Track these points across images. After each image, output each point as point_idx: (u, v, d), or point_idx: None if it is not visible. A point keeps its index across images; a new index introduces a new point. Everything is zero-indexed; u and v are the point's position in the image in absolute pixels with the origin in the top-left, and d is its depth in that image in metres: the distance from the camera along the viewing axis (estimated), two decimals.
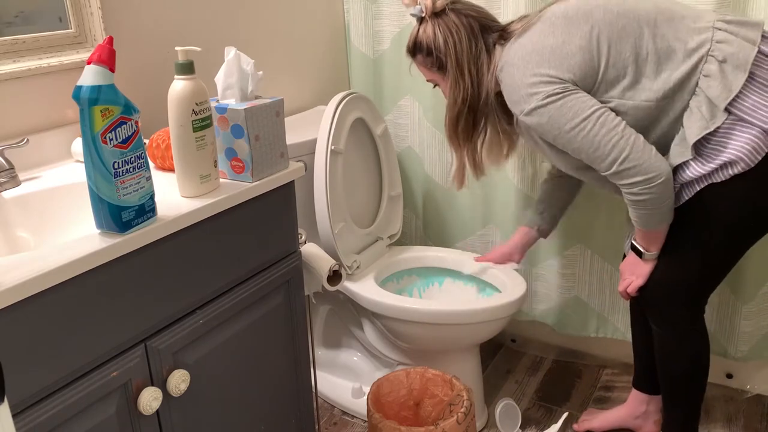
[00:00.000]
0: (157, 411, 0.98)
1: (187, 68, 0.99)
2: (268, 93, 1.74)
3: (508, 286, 1.66)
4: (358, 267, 1.73)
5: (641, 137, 1.24)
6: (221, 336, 1.09)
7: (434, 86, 1.49)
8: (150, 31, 1.43)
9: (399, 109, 2.05)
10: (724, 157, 1.23)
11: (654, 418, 1.65)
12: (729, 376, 1.88)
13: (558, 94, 1.24)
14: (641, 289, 1.42)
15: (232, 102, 1.09)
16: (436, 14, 1.37)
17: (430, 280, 1.87)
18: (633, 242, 1.39)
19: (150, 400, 0.94)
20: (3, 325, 0.76)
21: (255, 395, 1.19)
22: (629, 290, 1.43)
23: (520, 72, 1.28)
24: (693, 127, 1.24)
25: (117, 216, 0.87)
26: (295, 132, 1.69)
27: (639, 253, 1.39)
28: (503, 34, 1.38)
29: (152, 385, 0.96)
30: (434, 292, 1.87)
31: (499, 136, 1.49)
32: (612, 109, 1.26)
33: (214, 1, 1.58)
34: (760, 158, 1.21)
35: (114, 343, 0.90)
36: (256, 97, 1.13)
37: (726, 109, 1.21)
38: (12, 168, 1.07)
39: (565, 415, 1.67)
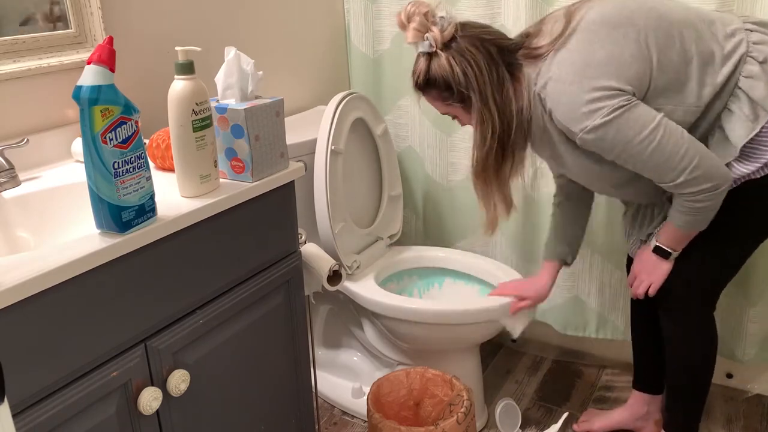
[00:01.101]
0: (157, 411, 0.98)
1: (187, 68, 0.99)
2: (268, 93, 1.74)
3: None
4: (358, 267, 1.73)
5: (703, 145, 1.21)
6: (221, 336, 1.09)
7: (453, 118, 1.36)
8: (150, 31, 1.43)
9: (399, 109, 2.05)
10: (763, 156, 1.21)
11: (655, 419, 1.65)
12: (729, 376, 1.88)
13: (623, 106, 1.17)
14: (659, 289, 1.39)
15: (232, 102, 1.09)
16: (447, 44, 1.24)
17: (430, 280, 1.87)
18: (658, 244, 1.35)
19: (150, 400, 0.94)
20: (3, 325, 0.76)
21: (255, 395, 1.19)
22: (650, 292, 1.39)
23: (575, 87, 1.18)
24: (737, 129, 1.21)
25: (117, 216, 0.87)
26: (295, 132, 1.69)
27: (665, 254, 1.34)
28: (528, 51, 1.26)
29: (152, 385, 0.96)
30: (434, 293, 1.87)
31: (524, 158, 1.36)
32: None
33: (214, 1, 1.58)
34: None
35: (114, 343, 0.90)
36: (256, 97, 1.13)
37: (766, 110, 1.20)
38: (12, 168, 1.07)
39: (565, 415, 1.67)
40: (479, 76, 1.24)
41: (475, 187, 1.37)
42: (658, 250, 1.35)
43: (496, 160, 1.30)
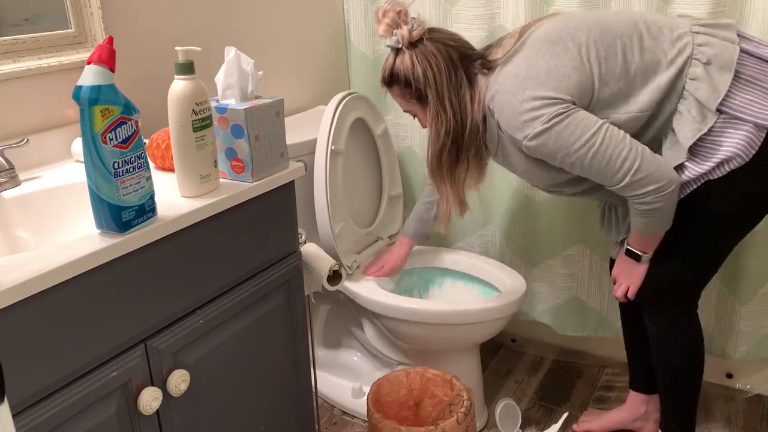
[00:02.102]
0: (157, 411, 0.98)
1: (187, 68, 0.99)
2: (268, 93, 1.74)
3: (508, 286, 1.66)
4: (358, 267, 1.73)
5: (647, 148, 1.25)
6: (221, 336, 1.09)
7: (414, 117, 1.45)
8: (150, 31, 1.43)
9: (399, 109, 2.04)
10: (720, 155, 1.24)
11: (654, 418, 1.65)
12: (729, 376, 1.88)
13: (562, 114, 1.23)
14: (638, 290, 1.42)
15: (232, 102, 1.09)
16: (413, 44, 1.33)
17: (430, 280, 1.87)
18: (628, 247, 1.39)
19: (150, 400, 0.94)
20: (3, 325, 0.76)
21: (255, 395, 1.19)
22: (629, 295, 1.42)
23: (517, 98, 1.25)
24: (685, 131, 1.25)
25: (117, 216, 0.87)
26: (295, 132, 1.69)
27: (636, 257, 1.38)
28: (484, 62, 1.34)
29: (152, 385, 0.96)
30: (434, 292, 1.87)
31: (481, 167, 1.47)
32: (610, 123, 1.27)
33: (214, 1, 1.58)
34: (754, 152, 1.23)
35: (114, 343, 0.90)
36: (256, 97, 1.13)
37: (717, 110, 1.23)
38: (12, 168, 1.07)
39: (565, 415, 1.67)
40: (437, 76, 1.32)
41: (432, 182, 1.45)
42: (629, 253, 1.39)
43: (450, 159, 1.38)
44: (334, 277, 1.34)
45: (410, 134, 2.05)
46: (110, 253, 0.86)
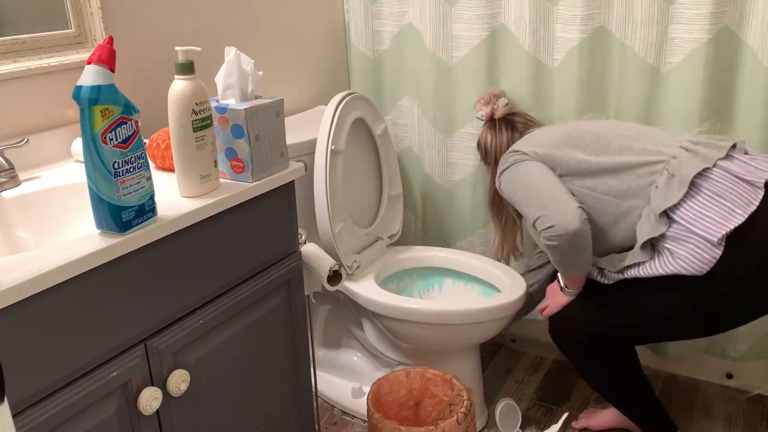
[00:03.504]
0: (157, 411, 0.98)
1: (187, 68, 0.99)
2: (268, 93, 1.74)
3: (508, 286, 1.66)
4: (358, 267, 1.73)
5: (573, 198, 1.36)
6: (221, 336, 1.09)
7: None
8: (150, 31, 1.43)
9: (399, 109, 2.05)
10: (673, 265, 1.29)
11: None
12: (729, 376, 1.88)
13: (520, 161, 1.47)
14: (553, 316, 1.52)
15: (232, 102, 1.09)
16: (493, 121, 1.67)
17: (430, 280, 1.87)
18: (558, 276, 1.49)
19: (150, 400, 0.94)
20: (3, 325, 0.76)
21: (255, 395, 1.19)
22: (543, 315, 1.54)
23: (505, 154, 1.53)
24: (643, 231, 1.34)
25: (117, 216, 0.87)
26: (295, 132, 1.69)
27: (561, 287, 1.49)
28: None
29: (152, 385, 0.96)
30: (434, 293, 1.87)
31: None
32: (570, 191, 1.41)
33: (214, 1, 1.58)
34: (708, 267, 1.25)
35: (114, 343, 0.90)
36: (256, 97, 1.13)
37: (666, 217, 1.30)
38: (12, 168, 1.07)
39: (566, 415, 1.67)
40: (497, 150, 1.65)
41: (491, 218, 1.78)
42: (557, 278, 1.50)
43: (500, 213, 1.72)
44: (334, 277, 1.34)
45: (410, 134, 2.05)
46: (110, 253, 0.86)
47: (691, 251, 1.27)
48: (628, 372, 1.52)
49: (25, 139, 1.15)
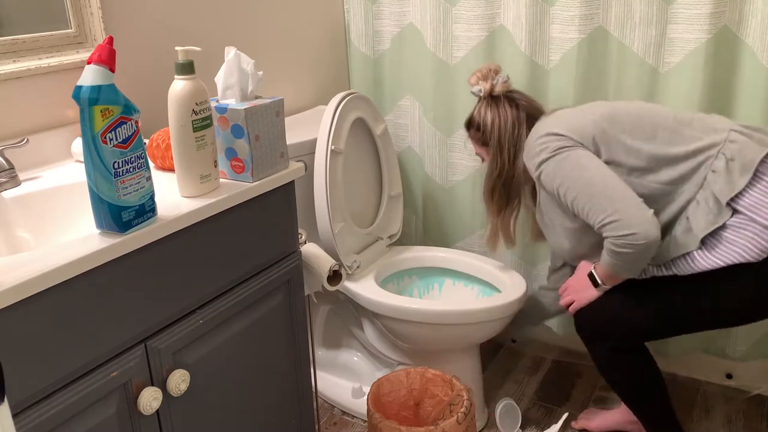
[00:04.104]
0: (157, 411, 0.98)
1: (187, 68, 0.99)
2: (268, 93, 1.74)
3: (508, 286, 1.66)
4: (358, 267, 1.73)
5: (639, 198, 1.29)
6: (221, 336, 1.09)
7: (482, 161, 1.60)
8: (150, 31, 1.43)
9: (399, 109, 2.05)
10: (728, 252, 1.25)
11: None
12: (729, 376, 1.88)
13: (566, 147, 1.35)
14: (582, 309, 1.47)
15: (232, 102, 1.09)
16: (492, 98, 1.53)
17: (430, 280, 1.87)
18: (593, 271, 1.42)
19: (150, 400, 0.94)
20: (3, 325, 0.76)
21: (255, 395, 1.19)
22: (570, 310, 1.48)
23: (534, 135, 1.41)
24: (700, 220, 1.28)
25: (117, 216, 0.87)
26: (295, 132, 1.69)
27: (595, 282, 1.43)
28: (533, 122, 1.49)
29: (152, 385, 0.96)
30: (434, 293, 1.87)
31: (530, 216, 1.61)
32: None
33: (214, 1, 1.58)
34: (765, 255, 1.24)
35: (114, 343, 0.90)
36: (256, 97, 1.13)
37: (729, 206, 1.25)
38: (12, 168, 1.07)
39: (566, 415, 1.67)
40: (502, 128, 1.51)
41: (486, 211, 1.63)
42: (591, 277, 1.43)
43: (500, 200, 1.57)
44: (334, 277, 1.34)
45: (410, 134, 2.05)
46: (110, 253, 0.86)
47: (750, 239, 1.23)
48: (653, 374, 1.48)
49: (25, 139, 1.15)
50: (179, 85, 0.99)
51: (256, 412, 1.20)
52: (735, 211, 1.26)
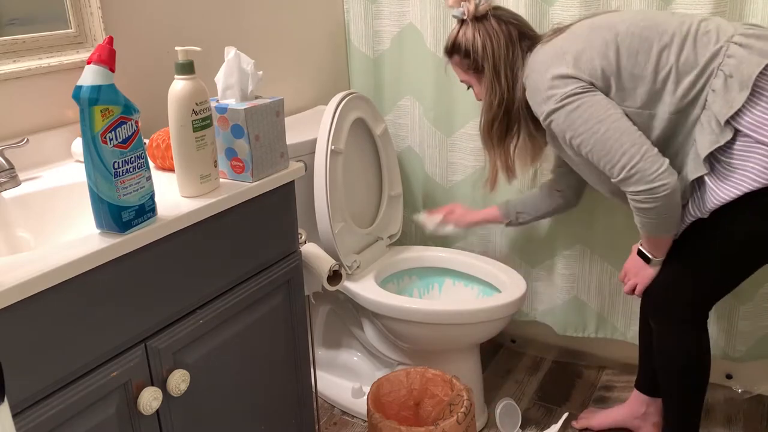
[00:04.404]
0: (157, 411, 0.98)
1: (187, 68, 0.99)
2: (268, 93, 1.74)
3: (508, 286, 1.66)
4: (358, 267, 1.73)
5: (654, 148, 1.25)
6: (221, 336, 1.09)
7: (468, 88, 1.53)
8: (150, 31, 1.43)
9: (399, 109, 2.05)
10: (741, 179, 1.21)
11: (653, 420, 1.65)
12: (729, 376, 1.88)
13: (575, 94, 1.27)
14: (646, 290, 1.43)
15: (232, 102, 1.09)
16: (478, 18, 1.41)
17: (430, 280, 1.87)
18: (639, 247, 1.39)
19: (150, 400, 0.94)
20: (3, 325, 0.76)
21: (255, 395, 1.19)
22: (636, 293, 1.44)
23: (540, 75, 1.32)
24: (704, 141, 1.24)
25: (117, 216, 0.87)
26: (295, 132, 1.69)
27: (646, 259, 1.38)
28: (531, 44, 1.41)
29: (152, 385, 0.96)
30: (434, 293, 1.87)
31: (529, 141, 1.51)
32: (628, 117, 1.27)
33: (214, 1, 1.58)
34: None
35: (114, 343, 0.90)
36: (256, 97, 1.13)
37: (731, 125, 1.21)
38: (12, 168, 1.07)
39: (566, 415, 1.67)
40: (495, 49, 1.40)
41: (483, 146, 1.54)
42: (640, 253, 1.40)
43: (500, 129, 1.46)
44: (334, 277, 1.34)
45: (410, 134, 2.05)
46: (110, 253, 0.86)
47: (759, 161, 1.18)
48: (708, 360, 1.44)
49: (25, 139, 1.15)
50: (179, 85, 0.99)
51: (256, 412, 1.20)
52: (737, 131, 1.20)
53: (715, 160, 1.25)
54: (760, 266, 1.34)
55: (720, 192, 1.24)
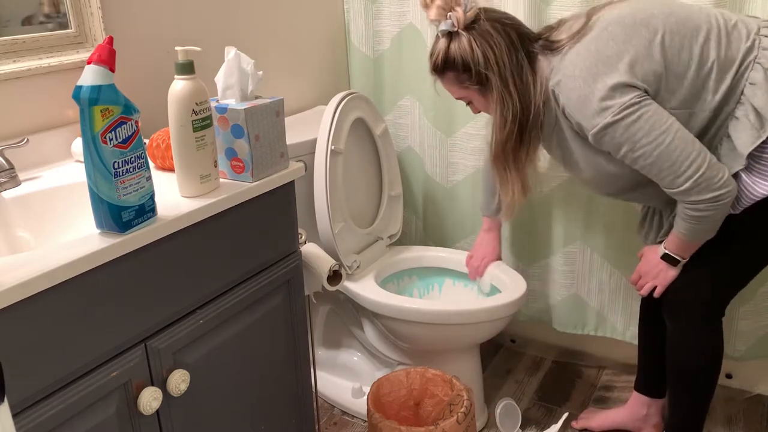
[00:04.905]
0: (157, 411, 0.98)
1: (187, 68, 0.99)
2: (268, 93, 1.74)
3: (508, 286, 1.66)
4: (358, 267, 1.73)
5: (713, 156, 1.20)
6: (221, 336, 1.09)
7: (467, 104, 1.41)
8: (150, 31, 1.43)
9: (399, 109, 2.05)
10: None
11: (653, 422, 1.65)
12: (729, 376, 1.88)
13: (634, 105, 1.18)
14: (666, 291, 1.39)
15: (232, 102, 1.09)
16: (469, 26, 1.27)
17: (430, 280, 1.87)
18: (666, 251, 1.34)
19: (150, 400, 0.94)
20: (3, 325, 0.76)
21: (255, 395, 1.19)
22: (656, 294, 1.39)
23: (588, 84, 1.20)
24: (743, 137, 1.19)
25: (117, 216, 0.87)
26: (295, 132, 1.69)
27: (673, 261, 1.34)
28: (547, 43, 1.29)
29: (152, 385, 0.96)
30: (434, 293, 1.87)
31: (535, 151, 1.42)
32: None
33: (214, 1, 1.58)
34: None
35: (114, 343, 0.90)
36: (256, 97, 1.13)
37: None
38: (12, 168, 1.07)
39: (566, 415, 1.67)
40: (500, 58, 1.26)
41: (494, 170, 1.40)
42: (666, 257, 1.35)
43: (515, 144, 1.33)
44: (334, 277, 1.34)
45: (410, 134, 2.05)
46: (110, 253, 0.86)
47: None
48: (720, 357, 1.40)
49: (25, 139, 1.15)
50: (179, 85, 0.99)
51: (256, 412, 1.20)
52: None
53: (752, 155, 1.21)
54: None
55: (757, 188, 1.20)
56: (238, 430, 1.16)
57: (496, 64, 1.26)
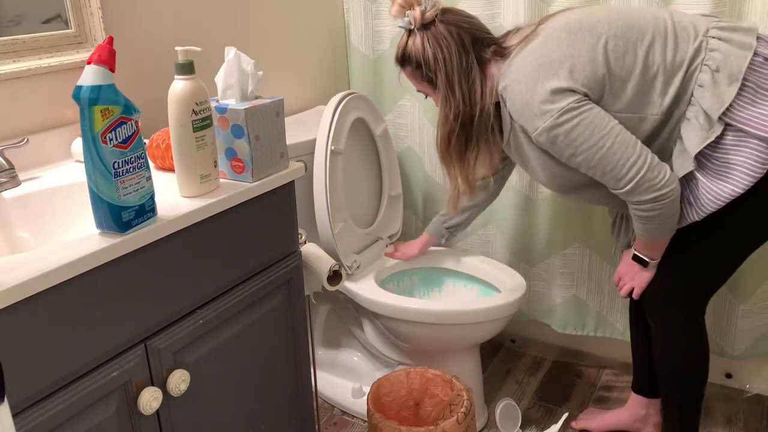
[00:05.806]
0: (157, 411, 0.98)
1: (187, 68, 0.99)
2: (268, 93, 1.74)
3: (508, 286, 1.66)
4: (358, 267, 1.73)
5: (655, 155, 1.23)
6: (221, 336, 1.09)
7: (426, 97, 1.44)
8: (150, 31, 1.43)
9: (399, 109, 2.05)
10: (739, 176, 1.19)
11: (653, 421, 1.65)
12: (729, 376, 1.88)
13: (573, 109, 1.20)
14: (642, 292, 1.42)
15: (232, 102, 1.09)
16: (425, 26, 1.31)
17: (430, 280, 1.87)
18: (635, 252, 1.37)
19: (150, 400, 0.94)
20: (3, 325, 0.76)
21: (255, 395, 1.19)
22: (634, 296, 1.42)
23: (530, 88, 1.23)
24: (693, 138, 1.22)
25: (117, 216, 0.87)
26: (295, 132, 1.69)
27: (643, 263, 1.37)
28: (498, 49, 1.33)
29: (152, 385, 0.96)
30: (434, 293, 1.87)
31: (492, 154, 1.46)
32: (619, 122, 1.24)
33: (214, 1, 1.58)
34: (766, 168, 1.18)
35: (114, 343, 0.90)
36: (256, 97, 1.13)
37: (721, 120, 1.19)
38: (12, 168, 1.07)
39: (566, 415, 1.67)
40: (448, 61, 1.30)
41: (442, 165, 1.45)
42: (636, 258, 1.38)
43: (459, 144, 1.37)
44: (334, 277, 1.34)
45: (410, 134, 2.05)
46: (110, 253, 0.86)
47: (753, 156, 1.16)
48: (707, 358, 1.43)
49: (25, 139, 1.15)
50: (179, 85, 0.99)
51: (256, 412, 1.20)
52: (727, 125, 1.19)
53: (703, 155, 1.23)
54: (749, 254, 1.34)
55: (719, 191, 1.22)
56: (238, 430, 1.16)
57: (444, 65, 1.31)
